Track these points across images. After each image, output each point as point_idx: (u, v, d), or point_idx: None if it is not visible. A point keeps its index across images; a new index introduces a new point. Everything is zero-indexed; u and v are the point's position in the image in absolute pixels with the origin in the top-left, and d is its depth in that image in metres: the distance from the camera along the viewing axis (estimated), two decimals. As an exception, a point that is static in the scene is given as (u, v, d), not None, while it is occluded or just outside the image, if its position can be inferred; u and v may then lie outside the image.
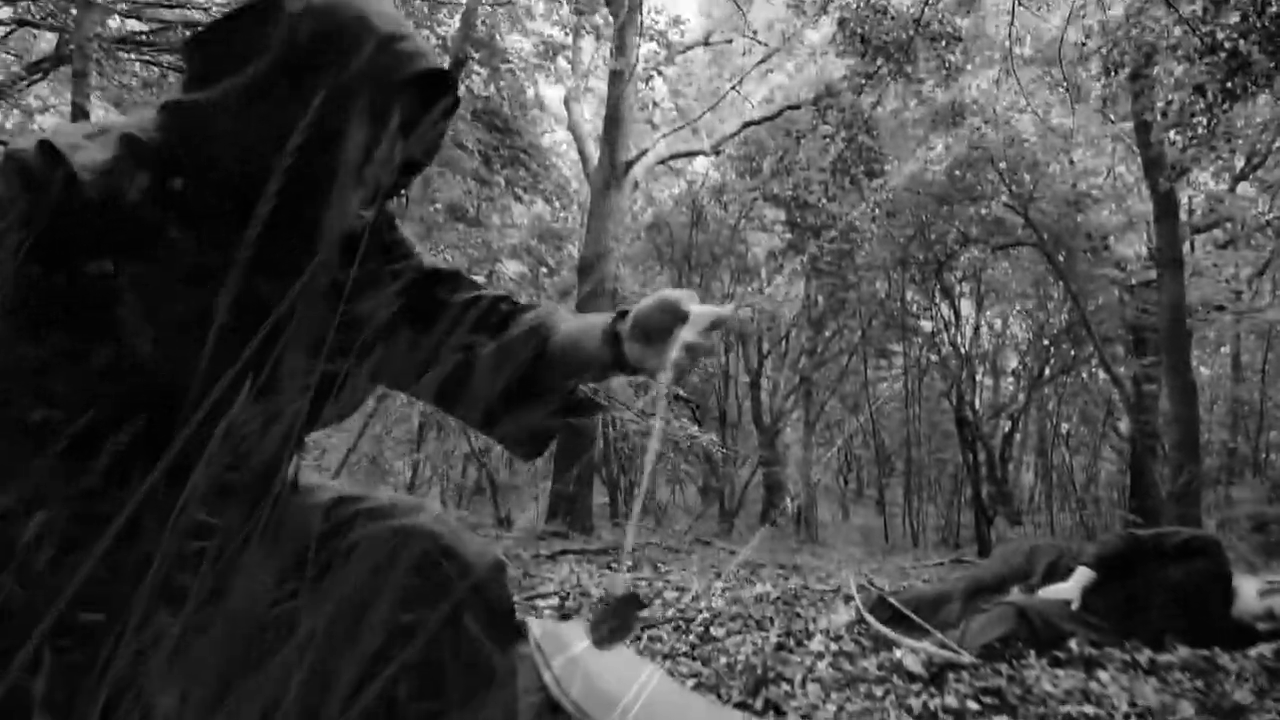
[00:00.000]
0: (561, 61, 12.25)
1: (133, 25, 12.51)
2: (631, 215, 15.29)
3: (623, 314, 1.19)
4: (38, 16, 11.21)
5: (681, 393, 1.15)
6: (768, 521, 23.03)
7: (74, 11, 8.26)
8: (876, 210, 11.59)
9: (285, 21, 1.02)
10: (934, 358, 17.45)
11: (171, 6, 13.85)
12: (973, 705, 2.69)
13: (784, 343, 22.38)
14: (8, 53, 14.47)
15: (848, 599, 4.47)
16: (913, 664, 3.13)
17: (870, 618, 3.65)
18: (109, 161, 0.96)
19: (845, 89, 9.20)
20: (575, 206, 17.69)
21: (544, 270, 16.83)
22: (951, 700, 2.71)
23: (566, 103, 12.81)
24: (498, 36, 11.19)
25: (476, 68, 10.44)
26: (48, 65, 11.80)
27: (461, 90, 9.17)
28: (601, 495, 15.37)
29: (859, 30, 8.29)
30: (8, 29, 13.09)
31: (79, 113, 5.08)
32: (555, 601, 4.37)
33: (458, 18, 11.04)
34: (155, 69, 12.63)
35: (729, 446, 19.57)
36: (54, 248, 0.91)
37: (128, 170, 0.97)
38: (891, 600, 3.77)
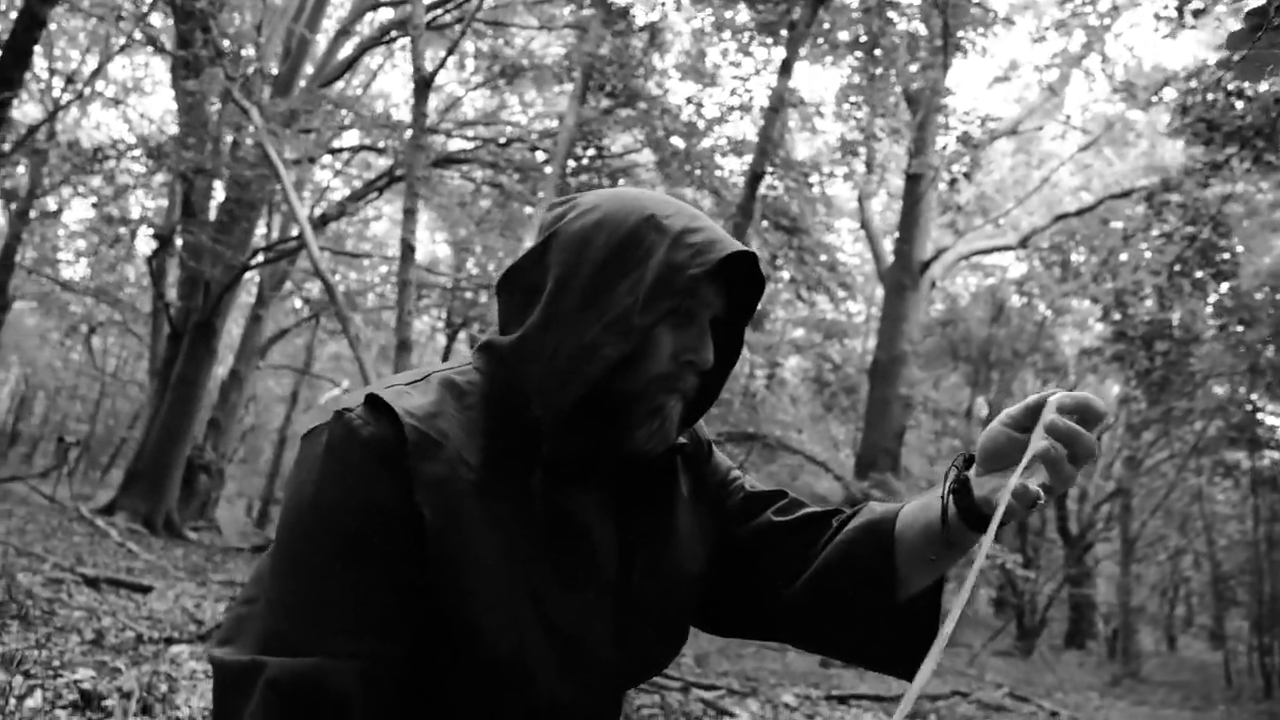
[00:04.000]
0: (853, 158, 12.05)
1: (452, 145, 14.02)
2: (926, 313, 14.61)
3: (968, 460, 1.03)
4: (375, 142, 12.89)
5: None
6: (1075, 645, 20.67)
7: (407, 135, 9.34)
8: (1224, 317, 10.11)
9: (571, 244, 1.01)
10: (1290, 473, 14.93)
11: (487, 124, 15.43)
12: None
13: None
14: (350, 171, 16.75)
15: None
16: None
17: None
18: (430, 404, 0.98)
19: (1186, 180, 8.12)
20: (860, 299, 17.27)
21: (828, 366, 16.48)
22: None
23: (860, 200, 12.56)
24: (789, 137, 11.24)
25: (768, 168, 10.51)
26: (382, 183, 13.48)
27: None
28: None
29: (1205, 117, 7.32)
30: (351, 152, 15.18)
31: (406, 248, 5.60)
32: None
33: (748, 118, 11.26)
34: (470, 183, 14.04)
35: (1030, 560, 17.86)
36: (382, 493, 0.93)
37: (448, 411, 0.99)
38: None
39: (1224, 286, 9.93)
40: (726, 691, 5.84)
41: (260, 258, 13.64)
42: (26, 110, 16.01)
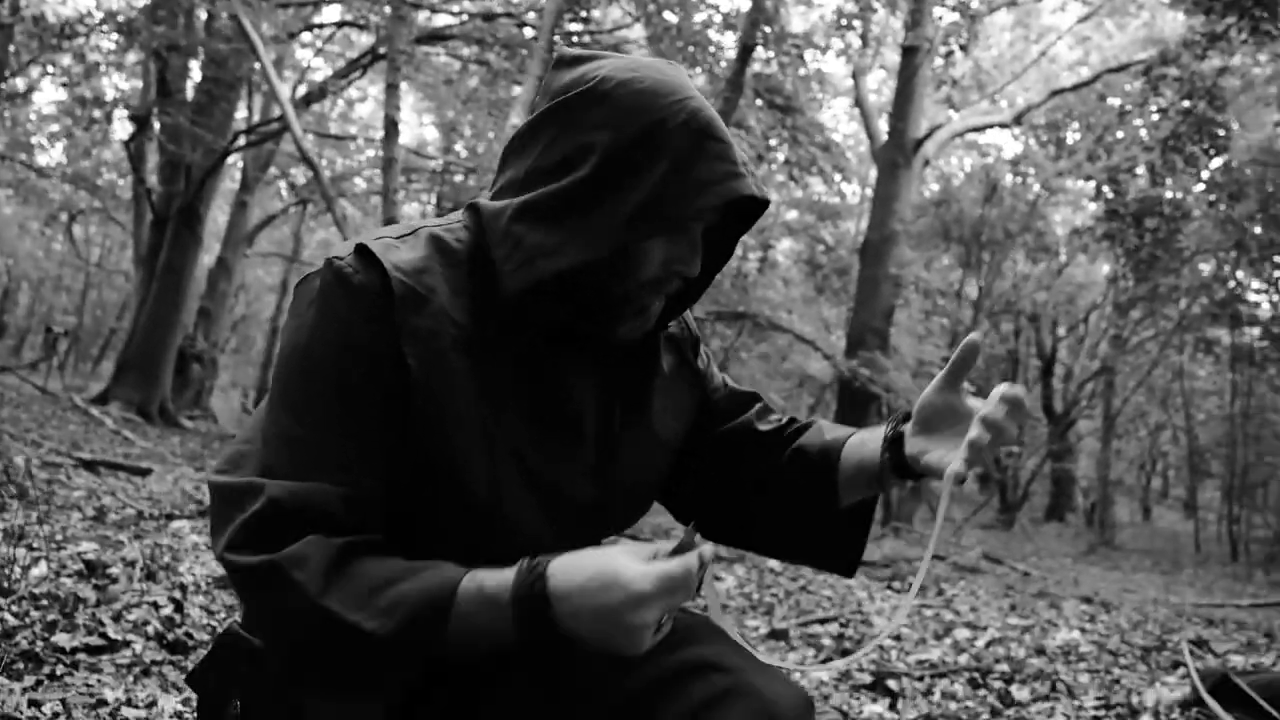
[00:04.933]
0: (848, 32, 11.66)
1: (437, 21, 13.51)
2: (919, 193, 14.45)
3: (906, 416, 1.15)
4: (356, 17, 12.39)
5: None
6: (1055, 518, 21.33)
7: (387, 10, 9.00)
8: (1215, 193, 10.01)
9: (569, 133, 1.00)
10: (1271, 349, 15.11)
11: (473, -1, 14.84)
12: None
13: (1082, 325, 20.48)
14: (333, 48, 16.18)
15: (1177, 665, 3.90)
16: (1273, 776, 2.62)
17: (1213, 702, 3.12)
18: (418, 260, 1.01)
19: (1184, 53, 7.92)
20: (855, 180, 17.06)
21: (820, 248, 16.39)
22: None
23: (855, 77, 12.24)
24: (783, 10, 10.86)
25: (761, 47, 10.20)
26: (365, 61, 13.02)
27: (747, 74, 9.00)
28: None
29: (1207, -16, 7.10)
30: (334, 28, 14.64)
31: (390, 124, 5.47)
32: (835, 630, 4.17)
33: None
34: (456, 61, 13.60)
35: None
36: (370, 339, 0.97)
37: (435, 268, 1.02)
38: (1239, 682, 3.20)
39: (1216, 162, 9.82)
40: (716, 558, 6.05)
41: (242, 141, 13.33)
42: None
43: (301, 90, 14.73)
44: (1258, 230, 12.47)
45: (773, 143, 12.25)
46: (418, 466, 0.99)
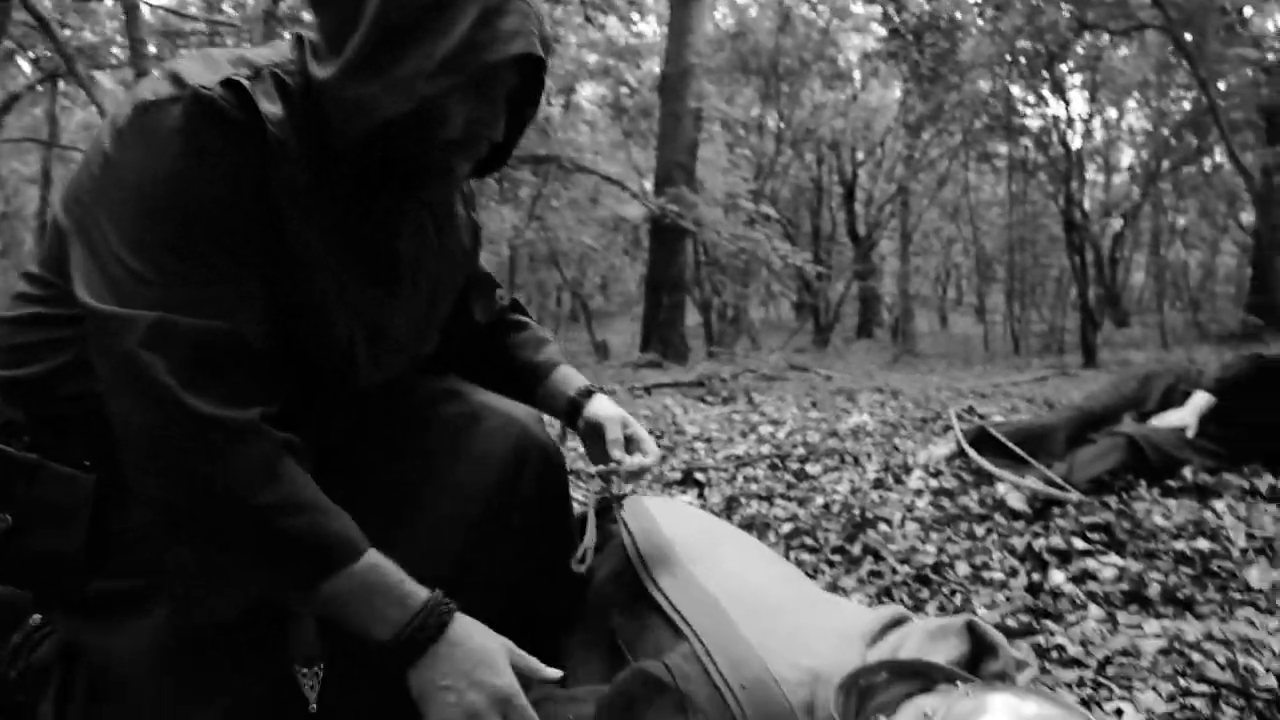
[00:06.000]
0: None
1: None
2: (714, 25, 14.41)
3: (589, 392, 1.44)
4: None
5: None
6: (862, 335, 22.89)
7: None
8: (983, 5, 10.54)
9: None
10: (1041, 158, 16.40)
11: None
12: (1079, 543, 2.59)
13: (879, 150, 21.40)
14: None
15: (947, 429, 4.39)
16: (1015, 501, 3.04)
17: (971, 451, 3.55)
18: (278, 107, 1.03)
19: None
20: (653, 19, 16.82)
21: (624, 91, 16.22)
22: (1056, 539, 2.62)
23: (639, -98, 11.86)
24: None
25: None
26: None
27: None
28: (695, 316, 15.40)
29: None
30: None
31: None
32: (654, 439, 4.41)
33: None
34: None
35: (822, 261, 19.20)
36: (246, 178, 0.99)
37: (285, 116, 1.04)
38: (993, 432, 3.65)
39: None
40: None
41: (-41, 8, 11.61)
42: None
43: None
44: (1025, 43, 13.29)
45: (564, -20, 11.85)
46: (280, 307, 1.04)
